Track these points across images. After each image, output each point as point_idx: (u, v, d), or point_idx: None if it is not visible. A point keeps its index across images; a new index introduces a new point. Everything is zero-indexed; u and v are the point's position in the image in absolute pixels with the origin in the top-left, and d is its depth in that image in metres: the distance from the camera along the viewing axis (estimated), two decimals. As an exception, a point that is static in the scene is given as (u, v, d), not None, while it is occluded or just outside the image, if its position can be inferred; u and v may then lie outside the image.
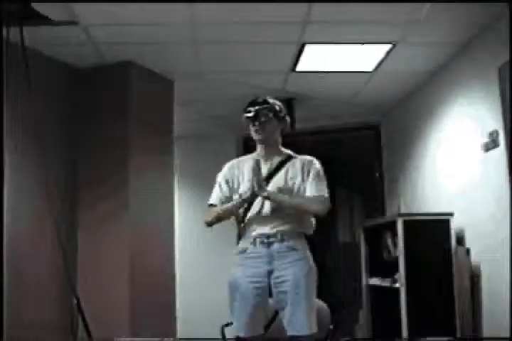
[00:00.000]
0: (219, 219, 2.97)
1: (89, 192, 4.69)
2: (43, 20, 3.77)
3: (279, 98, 3.30)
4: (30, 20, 3.69)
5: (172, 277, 5.02)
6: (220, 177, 3.06)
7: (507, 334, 3.64)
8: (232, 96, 5.50)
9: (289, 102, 5.70)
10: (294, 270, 2.81)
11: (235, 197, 2.97)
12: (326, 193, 2.93)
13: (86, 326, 3.58)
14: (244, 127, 3.03)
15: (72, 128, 4.73)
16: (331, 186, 3.01)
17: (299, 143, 6.36)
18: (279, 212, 2.88)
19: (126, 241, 4.54)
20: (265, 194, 2.84)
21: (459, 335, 4.31)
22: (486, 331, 4.20)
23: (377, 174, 6.71)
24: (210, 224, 3.00)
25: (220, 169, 3.11)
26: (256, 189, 2.82)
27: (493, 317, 4.12)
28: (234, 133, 6.79)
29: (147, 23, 4.04)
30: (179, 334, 5.02)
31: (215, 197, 3.02)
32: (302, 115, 5.80)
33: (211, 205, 3.02)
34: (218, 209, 2.97)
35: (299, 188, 2.93)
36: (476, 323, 4.30)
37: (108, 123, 4.74)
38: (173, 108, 5.21)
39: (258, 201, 2.91)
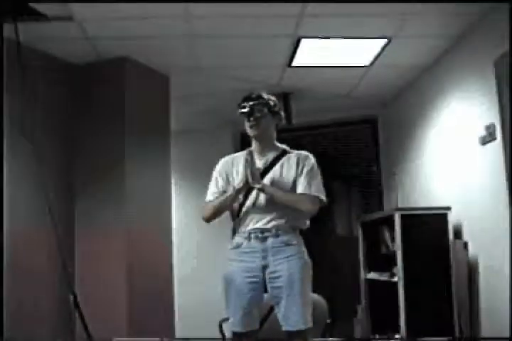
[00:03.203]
0: (216, 213, 2.97)
1: (86, 189, 4.68)
2: (38, 16, 3.76)
3: (275, 93, 3.29)
4: (25, 16, 3.67)
5: (170, 275, 5.00)
6: (215, 174, 3.06)
7: (505, 329, 3.63)
8: (228, 91, 5.48)
9: (285, 97, 5.69)
10: (288, 265, 2.81)
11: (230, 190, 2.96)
12: (318, 192, 2.91)
13: (85, 325, 3.58)
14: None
15: (69, 126, 4.70)
16: (329, 180, 3.00)
17: (297, 137, 6.42)
18: (273, 206, 2.87)
19: (123, 240, 4.52)
20: (259, 186, 2.84)
21: (456, 330, 4.32)
22: (485, 324, 4.20)
23: (375, 168, 6.71)
24: (208, 220, 3.01)
25: (216, 164, 3.10)
26: (250, 180, 2.82)
27: (490, 311, 4.12)
28: (231, 127, 6.77)
29: (142, 18, 4.02)
30: (178, 332, 5.02)
31: (211, 193, 3.02)
32: (299, 110, 5.79)
33: (209, 202, 3.01)
34: (214, 203, 2.96)
35: (292, 183, 2.92)
36: (473, 317, 4.30)
37: (104, 120, 4.72)
38: (170, 103, 5.20)
39: (253, 195, 2.91)
